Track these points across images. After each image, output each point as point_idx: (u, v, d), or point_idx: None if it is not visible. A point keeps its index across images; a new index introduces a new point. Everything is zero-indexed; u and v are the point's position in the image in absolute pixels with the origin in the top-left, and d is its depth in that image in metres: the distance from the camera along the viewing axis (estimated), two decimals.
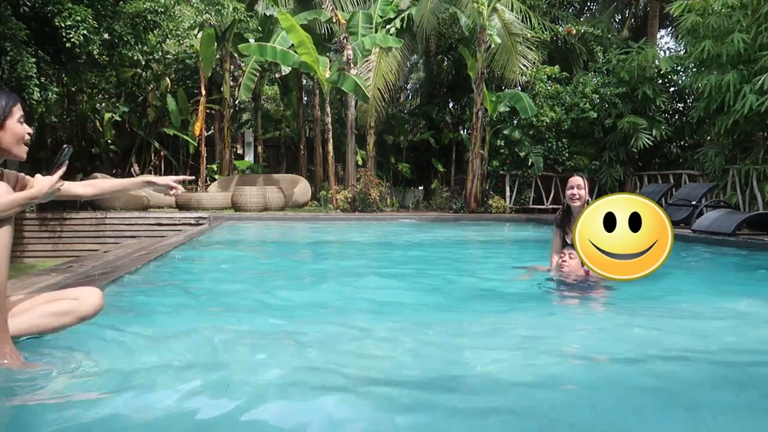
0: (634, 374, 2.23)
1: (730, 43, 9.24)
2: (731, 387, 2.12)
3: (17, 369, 2.00)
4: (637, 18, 20.11)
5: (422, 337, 2.78)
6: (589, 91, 13.40)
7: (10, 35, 7.86)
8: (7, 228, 1.97)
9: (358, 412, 1.81)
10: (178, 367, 2.20)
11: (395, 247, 7.51)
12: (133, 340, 2.52)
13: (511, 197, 13.91)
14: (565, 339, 2.82)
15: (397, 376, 2.16)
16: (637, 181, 13.61)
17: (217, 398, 1.88)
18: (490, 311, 3.51)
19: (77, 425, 1.69)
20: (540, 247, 7.49)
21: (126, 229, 9.92)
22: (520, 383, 2.09)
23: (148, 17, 9.45)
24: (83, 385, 2.00)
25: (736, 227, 7.25)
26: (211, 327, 2.88)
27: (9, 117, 2.02)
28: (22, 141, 2.06)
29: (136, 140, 15.59)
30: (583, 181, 4.24)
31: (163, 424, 1.69)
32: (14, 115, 2.04)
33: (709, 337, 2.82)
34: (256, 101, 17.19)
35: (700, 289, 4.47)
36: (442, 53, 16.77)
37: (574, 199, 4.21)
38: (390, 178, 16.74)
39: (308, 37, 12.25)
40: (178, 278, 4.55)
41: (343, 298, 3.87)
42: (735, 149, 10.33)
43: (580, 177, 4.28)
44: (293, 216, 11.76)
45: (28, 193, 2.03)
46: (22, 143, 2.06)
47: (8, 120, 2.02)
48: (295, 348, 2.54)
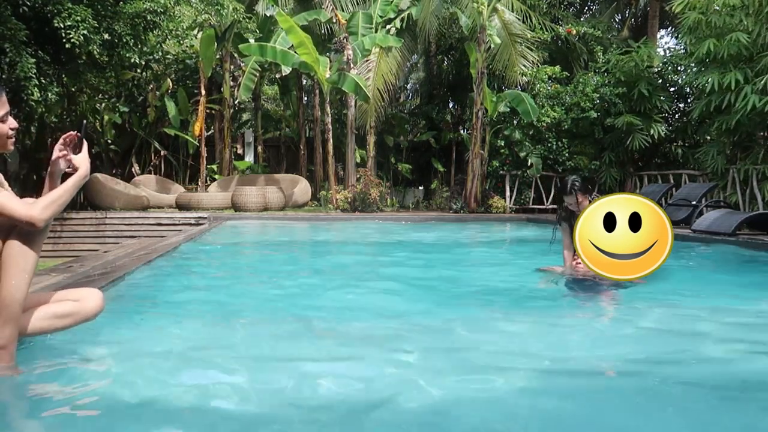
0: (634, 374, 2.23)
1: (731, 42, 9.23)
2: (731, 387, 2.12)
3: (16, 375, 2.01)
4: (637, 18, 20.11)
5: (426, 339, 2.78)
6: (589, 91, 13.40)
7: (9, 35, 7.85)
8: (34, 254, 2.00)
9: (360, 412, 1.81)
10: (177, 367, 2.20)
11: (395, 248, 7.51)
12: (133, 340, 2.52)
13: (511, 197, 13.91)
14: (568, 339, 2.82)
15: (398, 376, 2.16)
16: (637, 181, 13.60)
17: (216, 398, 1.87)
18: (498, 311, 3.50)
19: (76, 425, 1.69)
20: (540, 247, 7.49)
21: (126, 229, 9.92)
22: (511, 382, 2.09)
23: (147, 17, 9.44)
24: (82, 385, 2.00)
25: (736, 227, 7.24)
26: (210, 327, 2.88)
27: None
28: (6, 137, 2.04)
29: (136, 140, 15.59)
30: (574, 194, 4.02)
31: (163, 424, 1.68)
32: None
33: (709, 337, 2.82)
34: (256, 101, 17.18)
35: (700, 289, 4.47)
36: (443, 53, 16.77)
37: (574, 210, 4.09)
38: (390, 178, 16.74)
39: (308, 38, 12.25)
40: (178, 278, 4.55)
41: (344, 298, 3.86)
42: (735, 149, 10.33)
43: (570, 195, 4.06)
44: (293, 216, 11.76)
45: (81, 173, 2.10)
46: (7, 139, 2.04)
47: None
48: (295, 348, 2.54)
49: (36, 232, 2.00)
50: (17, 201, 1.95)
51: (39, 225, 1.95)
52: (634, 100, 12.84)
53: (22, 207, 1.94)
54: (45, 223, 1.97)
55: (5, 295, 1.96)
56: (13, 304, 1.96)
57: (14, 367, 2.01)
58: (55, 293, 2.30)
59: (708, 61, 9.99)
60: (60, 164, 2.14)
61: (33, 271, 2.02)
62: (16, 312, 1.98)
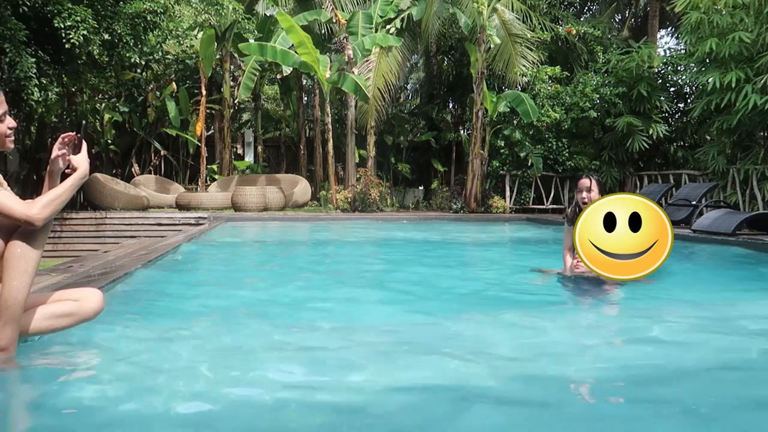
0: (633, 375, 2.22)
1: (732, 42, 9.23)
2: (731, 387, 2.12)
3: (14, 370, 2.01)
4: (637, 18, 20.12)
5: (427, 340, 2.77)
6: (589, 91, 13.39)
7: (9, 35, 7.85)
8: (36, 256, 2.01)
9: (362, 411, 1.81)
10: (177, 367, 2.19)
11: (395, 248, 7.51)
12: (133, 340, 2.52)
13: (511, 197, 13.91)
14: (568, 340, 2.82)
15: (397, 376, 2.16)
16: (637, 181, 13.60)
17: (216, 398, 1.87)
18: (498, 312, 3.50)
19: (75, 424, 1.69)
20: (541, 247, 7.49)
21: (126, 229, 9.92)
22: (527, 381, 2.09)
23: (147, 17, 9.44)
24: (82, 385, 1.99)
25: (736, 227, 7.24)
26: (210, 327, 2.88)
27: None
28: (4, 136, 2.05)
29: (136, 140, 15.59)
30: (591, 182, 4.03)
31: (162, 424, 1.68)
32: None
33: (709, 337, 2.82)
34: (256, 101, 17.18)
35: (700, 289, 4.47)
36: (443, 53, 16.77)
37: (585, 202, 4.01)
38: (390, 178, 16.74)
39: (308, 38, 12.25)
40: (178, 278, 4.55)
41: (345, 298, 3.86)
42: (735, 149, 10.33)
43: (588, 179, 4.06)
44: (293, 216, 11.76)
45: (80, 173, 2.11)
46: (4, 138, 2.05)
47: None
48: (295, 348, 2.53)
49: (37, 234, 2.01)
50: (16, 200, 1.96)
51: (37, 224, 1.96)
52: (633, 100, 12.85)
53: (20, 206, 1.95)
54: (43, 222, 1.98)
55: (7, 296, 1.96)
56: (14, 305, 1.96)
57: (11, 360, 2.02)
58: (54, 293, 2.30)
59: (708, 60, 9.99)
60: (59, 163, 2.14)
61: (34, 273, 2.02)
62: (17, 313, 1.99)
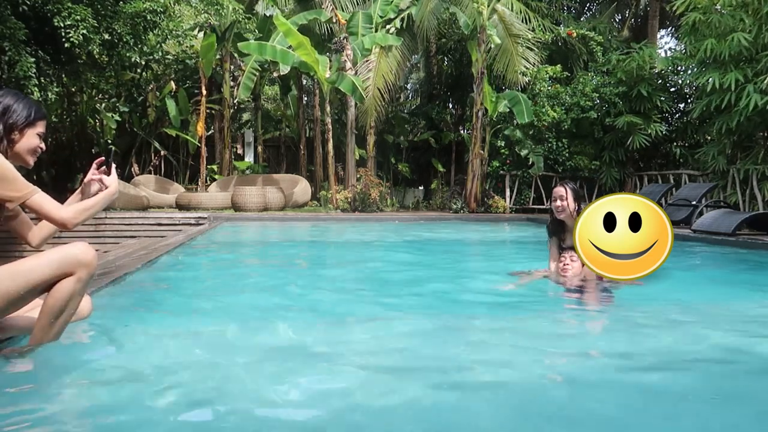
0: (633, 374, 2.22)
1: (732, 42, 9.23)
2: (731, 387, 2.11)
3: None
4: (637, 18, 20.13)
5: (423, 341, 2.77)
6: (589, 91, 13.40)
7: (9, 35, 7.85)
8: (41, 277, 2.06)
9: (363, 412, 1.81)
10: (177, 367, 2.19)
11: (395, 248, 7.51)
12: (133, 340, 2.51)
13: (511, 197, 13.91)
14: (563, 341, 2.81)
15: (397, 376, 2.16)
16: (637, 181, 13.60)
17: (216, 399, 1.87)
18: (488, 314, 3.50)
19: (74, 424, 1.69)
20: (541, 247, 7.49)
21: (126, 229, 9.90)
22: (517, 382, 2.09)
23: (147, 17, 9.44)
24: (81, 384, 1.99)
25: (736, 227, 7.24)
26: (210, 327, 2.88)
27: (31, 126, 2.15)
28: (33, 152, 2.20)
29: (136, 140, 15.60)
30: (566, 191, 4.08)
31: (162, 424, 1.68)
32: (37, 127, 2.17)
33: (708, 337, 2.82)
34: (256, 101, 17.19)
35: (700, 289, 4.46)
36: (443, 53, 16.76)
37: (558, 210, 4.08)
38: (390, 178, 16.74)
39: (306, 39, 12.26)
40: (178, 278, 4.55)
41: (345, 299, 3.86)
42: (735, 149, 10.32)
43: (562, 187, 4.11)
44: (293, 216, 11.76)
45: (110, 191, 2.30)
46: (33, 154, 2.20)
47: (30, 128, 2.15)
48: (295, 347, 2.53)
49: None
50: (53, 203, 2.10)
51: (70, 227, 2.12)
52: (633, 100, 12.85)
53: (57, 209, 2.09)
54: (74, 226, 2.13)
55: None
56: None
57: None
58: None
59: (708, 61, 9.99)
60: (93, 187, 2.32)
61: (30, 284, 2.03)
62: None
